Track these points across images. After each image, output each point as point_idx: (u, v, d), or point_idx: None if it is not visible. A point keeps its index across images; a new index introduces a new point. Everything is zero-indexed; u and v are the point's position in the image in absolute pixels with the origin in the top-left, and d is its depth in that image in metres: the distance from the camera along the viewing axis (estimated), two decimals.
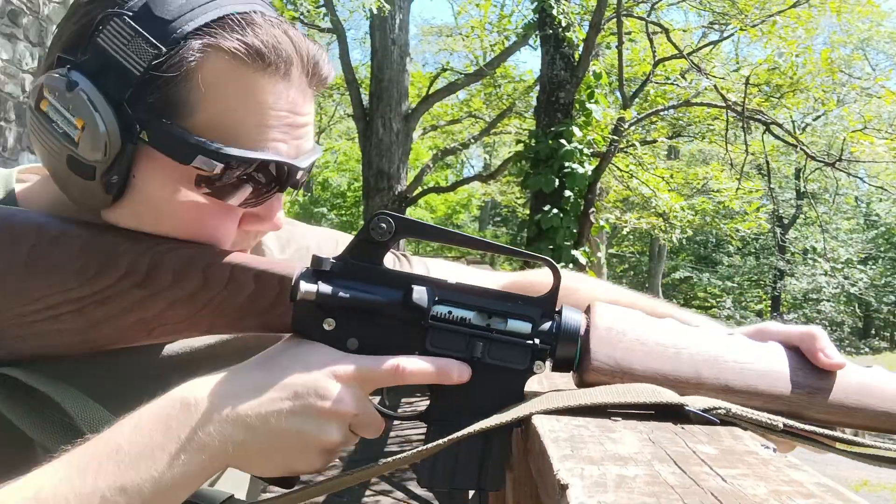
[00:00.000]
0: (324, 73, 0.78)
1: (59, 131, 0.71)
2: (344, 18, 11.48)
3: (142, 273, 0.73)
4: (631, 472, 0.50)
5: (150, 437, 0.65)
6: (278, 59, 0.72)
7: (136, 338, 0.75)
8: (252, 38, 0.71)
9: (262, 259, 0.77)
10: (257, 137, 0.73)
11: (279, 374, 0.68)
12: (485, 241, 0.79)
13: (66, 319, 0.73)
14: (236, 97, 0.72)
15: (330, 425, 0.68)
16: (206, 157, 0.70)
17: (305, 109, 0.77)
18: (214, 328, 0.75)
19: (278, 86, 0.73)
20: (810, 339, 0.75)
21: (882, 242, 26.39)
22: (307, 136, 0.78)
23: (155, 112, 0.70)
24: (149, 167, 0.73)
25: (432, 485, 0.70)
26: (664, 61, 9.52)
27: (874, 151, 9.04)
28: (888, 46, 22.45)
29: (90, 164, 0.71)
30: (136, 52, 0.69)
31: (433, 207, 24.43)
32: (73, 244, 0.73)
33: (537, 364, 0.72)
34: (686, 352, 0.72)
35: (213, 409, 0.66)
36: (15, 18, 5.08)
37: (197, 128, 0.71)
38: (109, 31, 0.69)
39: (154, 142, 0.71)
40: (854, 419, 0.74)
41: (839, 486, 0.49)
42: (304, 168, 0.78)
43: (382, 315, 0.73)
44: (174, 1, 0.70)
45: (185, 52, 0.69)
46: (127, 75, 0.69)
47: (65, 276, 0.72)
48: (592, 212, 7.76)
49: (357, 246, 0.73)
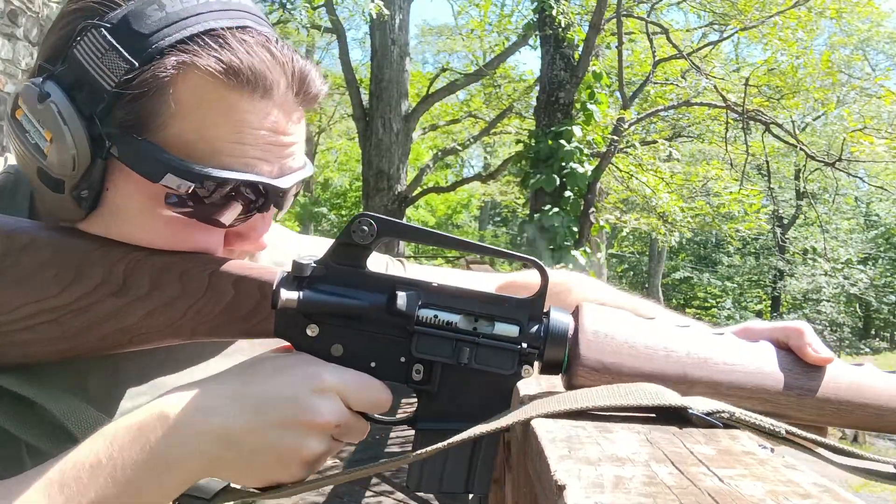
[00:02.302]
0: (313, 90, 0.75)
1: (30, 142, 0.70)
2: (344, 18, 11.49)
3: (118, 282, 0.71)
4: (628, 472, 0.50)
5: (129, 452, 0.64)
6: (257, 77, 0.70)
7: (116, 346, 0.73)
8: (230, 56, 0.69)
9: (242, 264, 0.74)
10: (234, 154, 0.70)
11: (257, 387, 0.67)
12: (470, 243, 0.76)
13: (43, 329, 0.71)
14: (211, 115, 0.69)
15: (310, 438, 0.67)
16: (175, 176, 0.68)
17: (290, 129, 0.75)
18: (196, 335, 0.73)
19: (258, 105, 0.71)
20: (797, 335, 0.74)
21: (882, 242, 26.41)
22: (293, 154, 0.76)
23: (125, 128, 0.69)
24: (122, 181, 0.71)
25: (420, 489, 0.70)
26: (664, 62, 9.53)
27: (874, 151, 9.04)
28: (888, 46, 22.46)
29: (59, 178, 0.70)
30: (108, 66, 0.67)
31: (433, 208, 24.45)
32: (43, 252, 0.71)
33: (525, 368, 0.71)
34: (675, 354, 0.71)
35: (191, 424, 0.65)
36: (14, 18, 5.08)
37: (168, 144, 0.69)
38: (86, 44, 0.68)
39: (124, 158, 0.69)
40: (845, 419, 0.73)
41: (836, 486, 0.49)
42: (286, 188, 0.75)
43: (367, 320, 0.71)
44: (154, 14, 0.68)
45: (158, 68, 0.67)
46: (99, 89, 0.68)
47: (38, 285, 0.71)
48: (592, 212, 7.76)
49: (339, 249, 0.71)
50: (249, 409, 0.66)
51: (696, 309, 23.92)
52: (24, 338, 0.71)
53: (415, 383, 0.72)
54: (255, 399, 0.66)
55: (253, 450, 0.66)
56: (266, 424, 0.66)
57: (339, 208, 23.21)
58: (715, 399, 0.67)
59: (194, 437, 0.65)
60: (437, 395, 0.72)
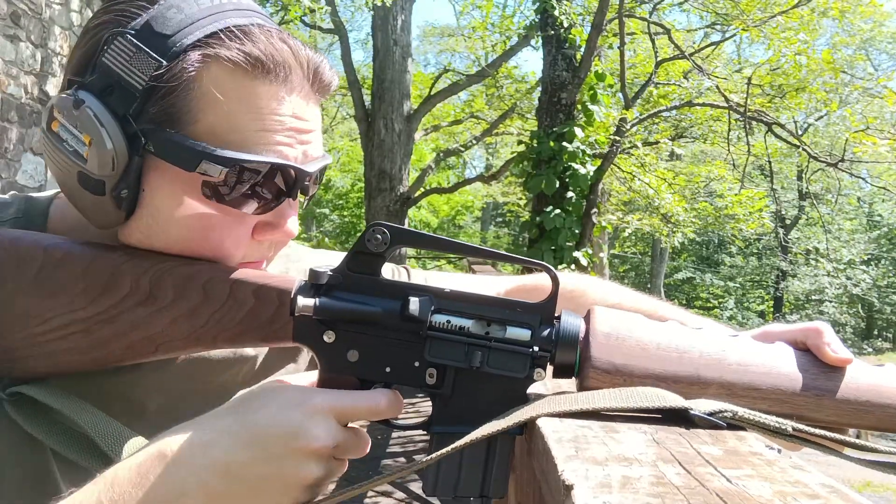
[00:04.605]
0: (325, 79, 0.80)
1: (69, 149, 0.74)
2: (346, 19, 11.50)
3: (145, 291, 0.74)
4: (636, 472, 0.50)
5: (131, 493, 0.64)
6: (277, 65, 0.74)
7: (142, 354, 0.76)
8: (250, 47, 0.73)
9: (262, 274, 0.78)
10: (261, 142, 0.74)
11: (252, 418, 0.67)
12: (481, 248, 0.78)
13: (75, 339, 0.74)
14: (237, 104, 0.73)
15: (309, 463, 0.67)
16: (210, 162, 0.72)
17: (309, 115, 0.78)
18: (218, 342, 0.76)
19: (279, 91, 0.75)
20: (815, 335, 0.73)
21: (885, 243, 26.37)
22: (314, 142, 0.79)
23: (158, 123, 0.72)
24: (157, 179, 0.75)
25: (436, 493, 0.70)
26: (666, 62, 9.52)
27: (877, 152, 9.02)
28: (890, 46, 22.44)
29: (99, 179, 0.73)
30: (138, 66, 0.72)
31: (436, 209, 24.44)
32: (77, 265, 0.75)
33: (537, 371, 0.72)
34: (688, 355, 0.71)
35: (189, 460, 0.65)
36: (17, 20, 5.09)
37: (200, 135, 0.73)
38: (114, 50, 0.72)
39: (159, 151, 0.73)
40: (864, 420, 0.71)
41: (844, 486, 0.49)
42: (312, 173, 0.79)
43: (381, 326, 0.73)
44: (174, 17, 0.73)
45: (185, 63, 0.72)
46: (130, 90, 0.72)
47: (71, 296, 0.74)
48: (594, 213, 7.76)
49: (354, 258, 0.73)
50: (246, 442, 0.66)
51: (699, 309, 23.86)
52: (56, 347, 0.75)
53: (429, 387, 0.73)
54: (250, 431, 0.67)
55: (254, 481, 0.66)
56: (264, 455, 0.66)
57: (341, 209, 23.20)
58: (730, 401, 0.67)
59: (195, 473, 0.65)
60: (450, 399, 0.72)
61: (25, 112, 5.27)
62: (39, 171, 5.53)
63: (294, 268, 0.98)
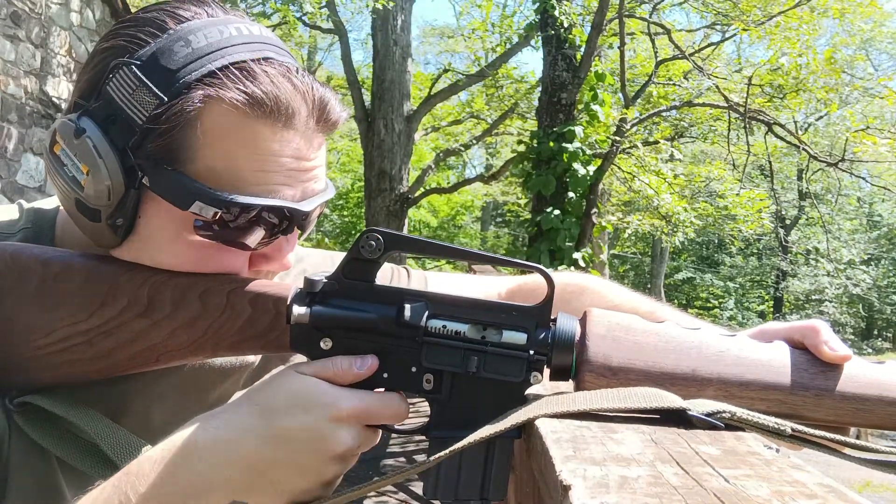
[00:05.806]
0: (333, 117, 0.79)
1: (68, 175, 0.74)
2: (346, 19, 11.50)
3: (143, 303, 0.75)
4: (633, 472, 0.50)
5: (157, 487, 0.66)
6: (280, 106, 0.74)
7: (144, 364, 0.77)
8: (253, 88, 0.72)
9: (258, 282, 0.78)
10: (259, 182, 0.74)
11: (277, 421, 0.69)
12: (476, 253, 0.79)
13: (78, 350, 0.75)
14: (236, 145, 0.73)
15: (332, 464, 0.70)
16: (203, 203, 0.72)
17: (312, 154, 0.78)
18: (217, 351, 0.77)
19: (280, 133, 0.75)
20: (813, 333, 0.72)
21: (885, 243, 26.36)
22: (315, 178, 0.79)
23: (156, 159, 0.72)
24: (153, 209, 0.75)
25: (437, 497, 0.70)
26: (666, 62, 9.52)
27: (877, 152, 9.03)
28: (890, 46, 22.44)
29: (96, 208, 0.74)
30: (139, 101, 0.72)
31: (436, 209, 24.44)
32: (75, 278, 0.76)
33: (534, 375, 0.72)
34: (685, 355, 0.70)
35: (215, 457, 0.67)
36: (17, 20, 5.09)
37: (197, 174, 0.73)
38: (117, 80, 0.72)
39: (155, 187, 0.73)
40: (865, 418, 0.70)
41: (842, 486, 0.48)
42: (308, 211, 0.78)
43: (377, 332, 0.73)
44: (181, 51, 0.73)
45: (186, 102, 0.71)
46: (131, 123, 0.72)
47: (71, 309, 0.75)
48: (594, 213, 7.76)
49: (349, 264, 0.73)
50: (272, 443, 0.68)
51: (699, 309, 23.86)
52: (59, 359, 0.76)
53: (426, 392, 0.73)
54: (276, 433, 0.68)
55: (277, 479, 0.68)
56: (290, 456, 0.68)
57: (341, 209, 23.21)
58: (727, 401, 0.66)
59: (221, 469, 0.67)
60: (448, 404, 0.73)
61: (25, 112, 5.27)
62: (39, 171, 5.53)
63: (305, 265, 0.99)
